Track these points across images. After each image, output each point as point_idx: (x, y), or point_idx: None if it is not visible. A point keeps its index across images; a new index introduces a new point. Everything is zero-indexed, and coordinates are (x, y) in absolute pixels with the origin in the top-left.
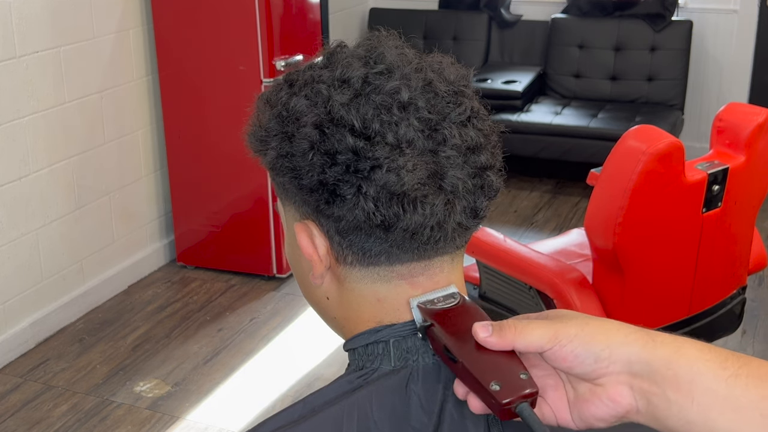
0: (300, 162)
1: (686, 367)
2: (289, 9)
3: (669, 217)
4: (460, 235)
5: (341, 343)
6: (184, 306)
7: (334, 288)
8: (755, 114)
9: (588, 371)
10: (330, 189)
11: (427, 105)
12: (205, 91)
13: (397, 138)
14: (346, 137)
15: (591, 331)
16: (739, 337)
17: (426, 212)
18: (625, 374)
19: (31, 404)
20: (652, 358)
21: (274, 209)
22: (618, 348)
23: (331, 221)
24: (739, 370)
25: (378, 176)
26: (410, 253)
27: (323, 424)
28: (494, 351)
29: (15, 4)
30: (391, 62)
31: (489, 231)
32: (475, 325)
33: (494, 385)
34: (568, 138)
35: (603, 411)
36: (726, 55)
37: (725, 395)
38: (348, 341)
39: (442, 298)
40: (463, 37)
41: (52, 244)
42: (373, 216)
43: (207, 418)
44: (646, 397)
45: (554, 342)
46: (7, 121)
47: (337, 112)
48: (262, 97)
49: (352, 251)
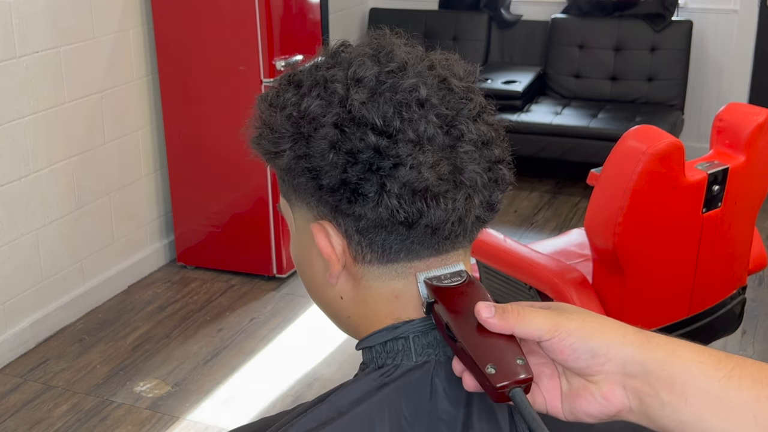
0: (319, 162)
1: (680, 368)
2: (289, 9)
3: (669, 217)
4: (477, 228)
5: (341, 343)
6: (184, 306)
7: (349, 287)
8: (755, 114)
9: (583, 366)
10: (352, 188)
11: (442, 101)
12: (205, 91)
13: (417, 135)
14: (368, 136)
15: (590, 327)
16: (739, 337)
17: (448, 207)
18: (620, 374)
19: (31, 404)
20: (647, 359)
21: (276, 210)
22: (615, 347)
23: (350, 220)
24: (732, 372)
25: (401, 173)
26: (430, 249)
27: (355, 423)
28: (494, 334)
29: (15, 4)
30: (403, 60)
31: (489, 231)
32: (479, 304)
33: (490, 368)
34: (568, 138)
35: (594, 408)
36: (726, 55)
37: (718, 396)
38: (363, 340)
39: (449, 275)
40: (463, 37)
41: (52, 244)
42: (396, 213)
43: (207, 418)
44: (639, 397)
45: (553, 333)
46: (7, 121)
47: (358, 111)
48: (265, 99)
49: (372, 249)
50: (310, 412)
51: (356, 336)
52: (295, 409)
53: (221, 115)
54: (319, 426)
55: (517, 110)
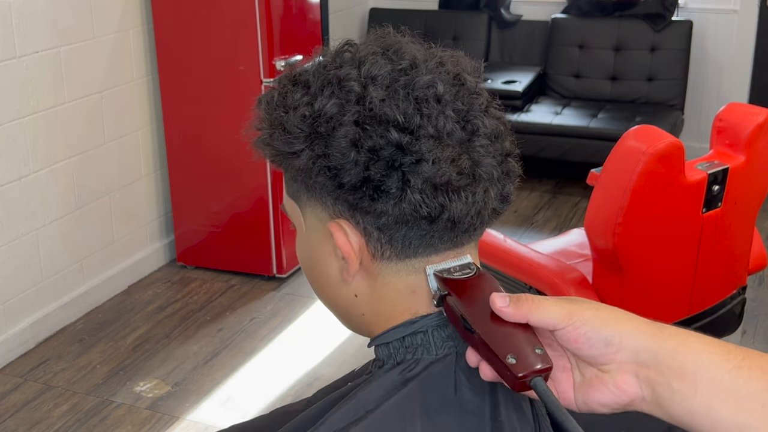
0: (340, 160)
1: (691, 358)
2: (289, 9)
3: (669, 217)
4: (492, 220)
5: (341, 343)
6: (184, 306)
7: (364, 284)
8: (755, 114)
9: (596, 355)
10: (375, 185)
11: (456, 97)
12: (205, 91)
13: (437, 130)
14: (390, 132)
15: (604, 317)
16: (739, 337)
17: (468, 201)
18: (632, 363)
19: (31, 404)
20: (659, 348)
21: (276, 210)
22: (628, 336)
23: (370, 217)
24: (742, 362)
25: (424, 169)
26: (447, 243)
27: (386, 418)
28: (509, 324)
29: (15, 4)
30: (414, 57)
31: (489, 231)
32: (493, 294)
33: (510, 358)
34: (568, 138)
35: (608, 397)
36: (726, 55)
37: (728, 386)
38: (378, 336)
39: (459, 268)
40: (463, 37)
41: (52, 244)
42: (419, 208)
43: (207, 418)
44: (651, 386)
45: (568, 322)
46: (7, 121)
47: (379, 108)
48: (270, 101)
49: (392, 245)
50: (334, 413)
51: (368, 334)
52: (310, 402)
53: (221, 115)
54: (349, 425)
55: (517, 110)
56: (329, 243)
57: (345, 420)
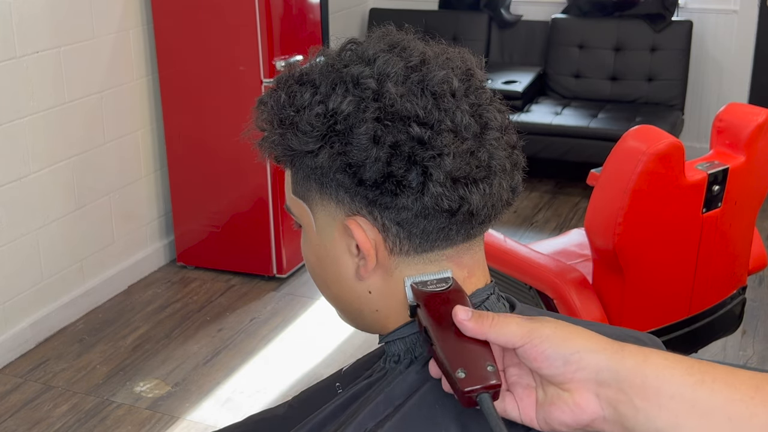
0: (361, 157)
1: (653, 374)
2: (289, 9)
3: (669, 217)
4: (504, 211)
5: (341, 344)
6: (184, 306)
7: (379, 280)
8: (755, 114)
9: (556, 373)
10: (397, 180)
11: (467, 91)
12: (205, 91)
13: (455, 124)
14: (412, 128)
15: (564, 335)
16: (739, 337)
17: (485, 193)
18: (592, 382)
19: (31, 404)
20: (620, 367)
21: (276, 210)
22: (587, 354)
23: (390, 212)
24: (704, 376)
25: (445, 163)
26: (463, 235)
27: (417, 412)
28: (469, 340)
29: (15, 4)
30: (423, 53)
31: (489, 231)
32: (457, 306)
33: (460, 372)
34: (568, 138)
35: (568, 416)
36: (726, 55)
37: (692, 401)
38: (393, 332)
39: (435, 281)
40: (463, 37)
41: (52, 244)
42: (441, 202)
43: (207, 418)
44: (612, 406)
45: (527, 339)
46: (7, 121)
47: (401, 104)
48: (277, 101)
49: (410, 240)
50: (364, 411)
51: (380, 330)
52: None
53: (221, 115)
54: (381, 421)
55: (517, 110)
56: (342, 241)
57: (375, 417)
